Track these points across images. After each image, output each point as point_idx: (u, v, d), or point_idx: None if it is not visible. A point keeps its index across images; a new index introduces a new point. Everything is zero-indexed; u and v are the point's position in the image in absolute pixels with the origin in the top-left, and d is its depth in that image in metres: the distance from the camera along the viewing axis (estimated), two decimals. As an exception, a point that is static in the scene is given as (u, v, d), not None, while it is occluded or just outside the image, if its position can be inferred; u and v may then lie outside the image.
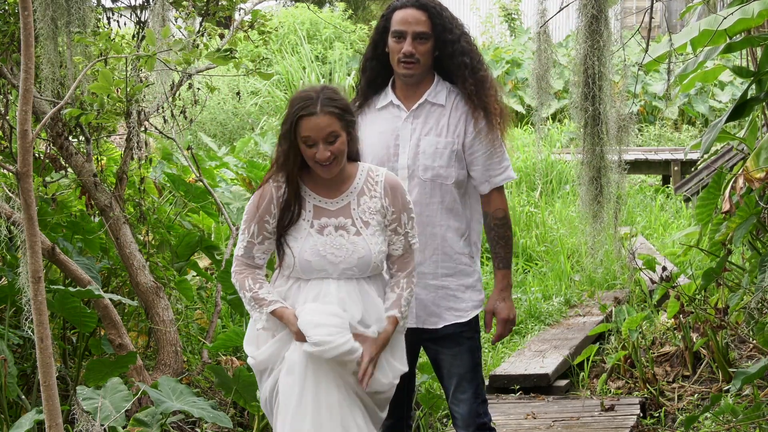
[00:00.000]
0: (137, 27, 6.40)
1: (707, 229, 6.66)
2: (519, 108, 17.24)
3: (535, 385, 6.76)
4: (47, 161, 6.30)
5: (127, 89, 5.44)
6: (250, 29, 6.76)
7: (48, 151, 6.30)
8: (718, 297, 6.56)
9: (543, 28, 4.67)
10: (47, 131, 5.91)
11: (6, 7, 5.90)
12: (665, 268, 6.90)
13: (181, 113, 6.40)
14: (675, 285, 6.75)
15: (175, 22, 6.36)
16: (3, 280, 5.59)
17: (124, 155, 5.93)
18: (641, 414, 6.11)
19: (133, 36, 6.40)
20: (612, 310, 7.25)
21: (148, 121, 6.06)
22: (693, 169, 12.11)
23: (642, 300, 8.24)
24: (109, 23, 6.88)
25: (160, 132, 6.47)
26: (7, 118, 6.06)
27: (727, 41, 5.65)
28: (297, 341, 3.65)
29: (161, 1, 5.63)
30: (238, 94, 9.00)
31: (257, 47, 16.79)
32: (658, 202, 12.36)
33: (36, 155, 6.33)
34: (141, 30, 6.26)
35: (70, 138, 5.92)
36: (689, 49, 5.93)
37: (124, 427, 4.62)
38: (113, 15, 6.90)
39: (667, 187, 13.40)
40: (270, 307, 3.68)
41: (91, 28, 5.34)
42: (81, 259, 5.70)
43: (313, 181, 3.74)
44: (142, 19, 6.39)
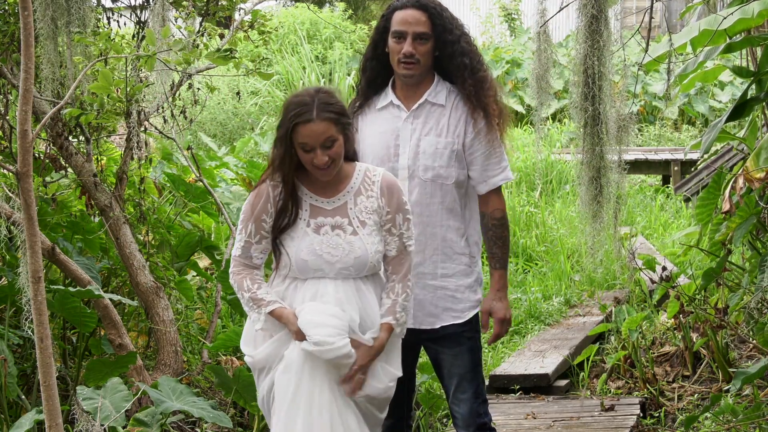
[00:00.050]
0: (137, 27, 6.40)
1: (707, 229, 6.66)
2: (519, 108, 17.23)
3: (535, 385, 6.76)
4: (47, 161, 6.30)
5: (127, 89, 5.43)
6: (250, 29, 6.76)
7: (48, 151, 6.30)
8: (718, 297, 6.55)
9: (543, 28, 4.67)
10: (47, 131, 5.91)
11: (6, 7, 5.90)
12: (665, 268, 6.89)
13: (181, 113, 6.40)
14: (675, 285, 6.75)
15: (175, 22, 6.36)
16: (3, 280, 5.59)
17: (124, 155, 5.93)
18: (641, 414, 6.11)
19: (133, 36, 6.40)
20: (612, 310, 7.25)
21: (148, 121, 6.06)
22: (693, 169, 12.10)
23: (642, 300, 8.24)
24: (109, 23, 6.88)
25: (160, 132, 6.46)
26: (7, 118, 6.06)
27: (727, 41, 5.65)
28: (296, 341, 3.65)
29: (161, 1, 5.63)
30: (238, 94, 9.00)
31: (257, 47, 16.79)
32: (658, 202, 12.36)
33: (36, 155, 6.33)
34: (141, 30, 6.26)
35: (70, 138, 5.92)
36: (689, 49, 5.93)
37: (124, 427, 4.62)
38: (113, 15, 6.90)
39: (667, 187, 13.39)
40: (268, 308, 3.67)
41: (91, 28, 5.34)
42: (81, 259, 5.69)
43: (310, 181, 3.73)
44: (142, 19, 6.39)
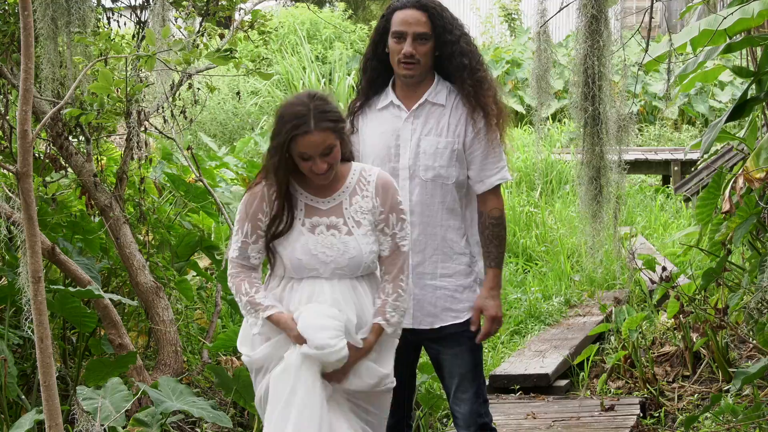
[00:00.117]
0: (137, 27, 6.41)
1: (707, 229, 6.66)
2: (519, 108, 17.24)
3: (535, 385, 6.76)
4: (47, 161, 6.30)
5: (127, 89, 5.43)
6: (250, 29, 6.75)
7: (48, 151, 6.30)
8: (718, 297, 6.55)
9: (543, 28, 4.67)
10: (47, 131, 5.91)
11: (6, 7, 5.90)
12: (665, 268, 6.89)
13: (181, 113, 6.40)
14: (675, 285, 6.75)
15: (175, 22, 6.36)
16: (3, 280, 5.59)
17: (124, 155, 5.93)
18: (641, 414, 6.11)
19: (133, 36, 6.40)
20: (612, 310, 7.25)
21: (148, 121, 6.06)
22: (693, 169, 12.11)
23: (642, 300, 8.24)
24: (109, 23, 6.88)
25: (160, 132, 6.46)
26: (7, 118, 6.06)
27: (727, 41, 5.65)
28: (296, 344, 3.64)
29: (161, 1, 5.63)
30: (238, 94, 9.01)
31: (257, 47, 16.80)
32: (658, 202, 12.36)
33: (36, 155, 6.33)
34: (141, 30, 6.26)
35: (70, 138, 5.92)
36: (689, 49, 5.93)
37: (124, 427, 4.62)
38: (113, 15, 6.90)
39: (667, 187, 13.39)
40: (266, 312, 3.66)
41: (91, 28, 5.34)
42: (81, 259, 5.69)
43: (306, 180, 3.71)
44: (142, 19, 6.39)
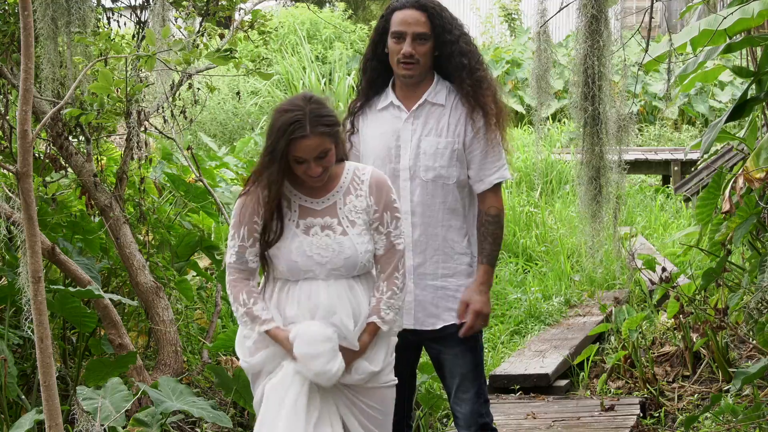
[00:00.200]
0: (137, 27, 6.41)
1: (707, 229, 6.66)
2: (519, 108, 17.24)
3: (535, 385, 6.76)
4: (47, 161, 6.30)
5: (127, 89, 5.43)
6: (250, 29, 6.75)
7: (48, 151, 6.30)
8: (718, 297, 6.55)
9: (543, 28, 4.67)
10: (47, 131, 5.91)
11: (6, 7, 5.90)
12: (665, 268, 6.89)
13: (181, 113, 6.40)
14: (675, 285, 6.75)
15: (175, 22, 6.36)
16: (3, 280, 5.59)
17: (124, 155, 5.93)
18: (641, 414, 6.11)
19: (133, 36, 6.40)
20: (612, 310, 7.25)
21: (148, 121, 6.06)
22: (693, 169, 12.11)
23: (642, 300, 8.24)
24: (109, 23, 6.88)
25: (160, 132, 6.46)
26: (7, 118, 6.06)
27: (727, 41, 5.65)
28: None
29: (161, 1, 5.63)
30: (238, 94, 9.00)
31: (257, 47, 16.79)
32: (658, 202, 12.36)
33: (36, 155, 6.33)
34: (141, 30, 6.27)
35: (70, 138, 5.92)
36: (689, 49, 5.93)
37: (124, 427, 4.62)
38: (113, 15, 6.90)
39: (667, 187, 13.39)
40: (264, 327, 3.65)
41: (91, 28, 5.35)
42: (81, 259, 5.69)
43: (299, 181, 3.70)
44: (142, 19, 6.39)
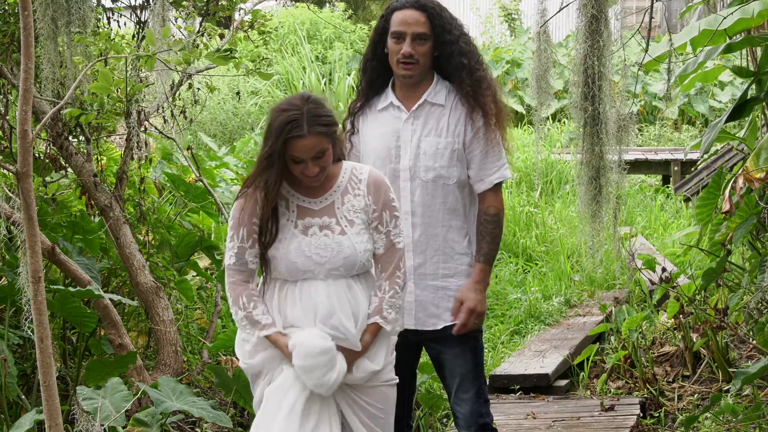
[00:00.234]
0: (137, 27, 6.41)
1: (707, 229, 6.66)
2: (519, 108, 17.23)
3: (535, 385, 6.76)
4: (47, 161, 6.30)
5: (127, 89, 5.44)
6: (250, 29, 6.76)
7: (48, 151, 6.30)
8: (718, 297, 6.55)
9: (543, 28, 4.67)
10: (47, 131, 5.91)
11: (6, 7, 5.90)
12: (665, 268, 6.89)
13: (181, 113, 6.40)
14: (675, 285, 6.75)
15: (175, 22, 6.36)
16: (3, 280, 5.59)
17: (124, 155, 5.93)
18: (641, 414, 6.11)
19: (133, 36, 6.40)
20: (612, 310, 7.25)
21: (148, 121, 6.06)
22: (693, 169, 12.11)
23: (642, 300, 8.24)
24: (109, 23, 6.88)
25: (160, 132, 6.46)
26: (7, 118, 6.06)
27: (727, 41, 5.65)
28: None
29: (161, 1, 5.63)
30: (238, 94, 9.01)
31: (257, 47, 16.79)
32: (658, 202, 12.36)
33: (36, 155, 6.33)
34: (141, 30, 6.27)
35: (70, 138, 5.92)
36: (689, 49, 5.93)
37: (124, 427, 4.63)
38: (113, 15, 6.90)
39: (667, 187, 13.39)
40: (264, 332, 3.66)
41: (91, 28, 5.35)
42: (81, 259, 5.69)
43: (297, 182, 3.69)
44: (142, 19, 6.39)
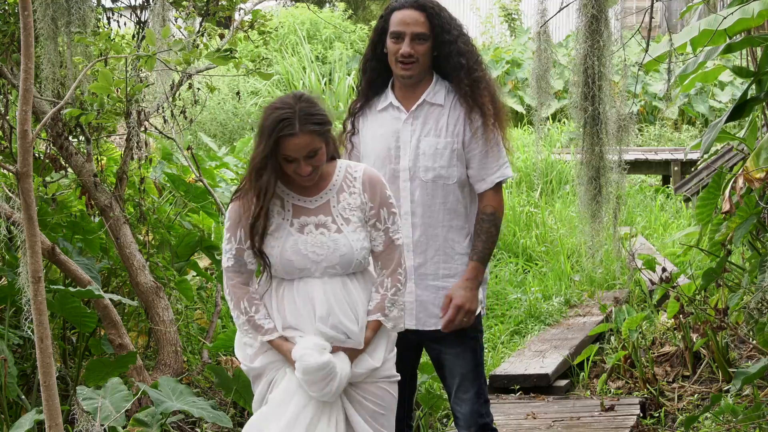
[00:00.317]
0: (137, 27, 6.41)
1: (707, 229, 6.66)
2: (519, 108, 17.23)
3: (535, 385, 6.76)
4: (47, 161, 6.30)
5: (127, 89, 5.44)
6: (250, 29, 6.76)
7: (48, 151, 6.30)
8: (718, 297, 6.55)
9: (543, 28, 4.67)
10: (47, 131, 5.91)
11: (6, 7, 5.90)
12: (665, 268, 6.88)
13: (181, 113, 6.40)
14: (675, 285, 6.75)
15: (175, 22, 6.36)
16: (3, 280, 5.59)
17: (124, 155, 5.93)
18: (641, 414, 6.11)
19: (133, 36, 6.40)
20: (612, 310, 7.25)
21: (148, 121, 6.06)
22: (693, 169, 12.11)
23: (642, 300, 8.24)
24: (109, 23, 6.88)
25: (160, 132, 6.46)
26: (7, 118, 6.06)
27: (727, 41, 5.65)
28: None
29: (161, 1, 5.63)
30: (238, 94, 9.00)
31: (257, 47, 16.79)
32: (658, 202, 12.35)
33: (36, 155, 6.33)
34: (141, 30, 6.27)
35: (70, 138, 5.92)
36: (689, 49, 5.93)
37: (124, 427, 4.63)
38: (113, 15, 6.91)
39: (667, 187, 13.39)
40: (267, 337, 3.66)
41: (91, 28, 5.35)
42: (81, 259, 5.69)
43: (292, 180, 3.70)
44: (142, 19, 6.39)
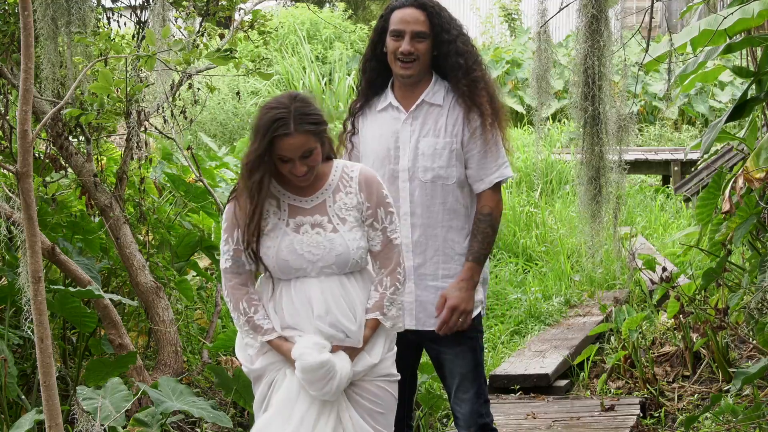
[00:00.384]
0: (137, 27, 6.41)
1: (707, 229, 6.66)
2: (519, 108, 17.23)
3: (535, 385, 6.76)
4: (47, 161, 6.30)
5: (127, 89, 5.44)
6: (250, 29, 6.76)
7: (48, 151, 6.30)
8: (718, 297, 6.55)
9: (543, 28, 4.68)
10: (47, 131, 5.92)
11: (6, 7, 5.90)
12: (665, 268, 6.88)
13: (181, 113, 6.40)
14: (675, 285, 6.75)
15: (175, 22, 6.36)
16: (3, 280, 5.59)
17: (124, 155, 5.93)
18: (641, 414, 6.11)
19: (133, 36, 6.40)
20: (612, 310, 7.25)
21: (148, 121, 6.06)
22: (693, 169, 12.11)
23: (642, 300, 8.24)
24: (109, 23, 6.88)
25: (160, 132, 6.46)
26: (7, 118, 6.06)
27: (727, 41, 5.65)
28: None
29: (161, 1, 5.63)
30: (238, 94, 9.00)
31: (257, 47, 16.80)
32: (658, 202, 12.36)
33: (36, 155, 6.33)
34: (141, 30, 6.27)
35: (70, 138, 5.92)
36: (689, 49, 5.93)
37: (124, 427, 4.63)
38: (113, 15, 6.91)
39: (667, 187, 13.39)
40: (266, 337, 3.66)
41: (91, 28, 5.35)
42: (81, 259, 5.69)
43: (287, 181, 3.69)
44: (142, 19, 6.39)
